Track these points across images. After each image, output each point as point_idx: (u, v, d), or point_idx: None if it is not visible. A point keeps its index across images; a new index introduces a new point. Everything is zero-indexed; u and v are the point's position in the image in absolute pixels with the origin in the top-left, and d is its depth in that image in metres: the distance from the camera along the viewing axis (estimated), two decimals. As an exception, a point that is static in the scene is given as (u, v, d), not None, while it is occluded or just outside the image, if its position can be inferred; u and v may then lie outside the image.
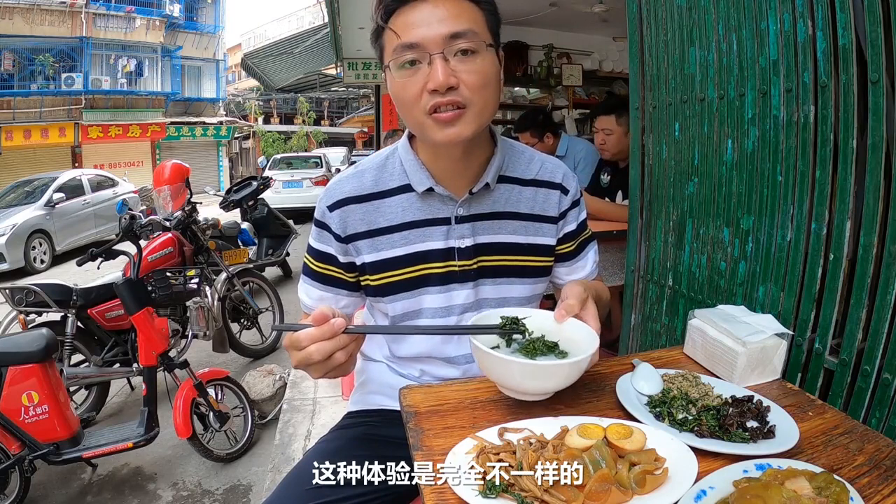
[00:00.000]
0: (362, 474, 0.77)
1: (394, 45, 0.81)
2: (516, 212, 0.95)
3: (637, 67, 1.44)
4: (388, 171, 0.94)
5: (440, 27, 0.79)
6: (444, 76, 0.78)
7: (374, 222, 0.91)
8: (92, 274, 3.16)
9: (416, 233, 0.91)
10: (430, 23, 0.79)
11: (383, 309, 0.96)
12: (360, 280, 0.96)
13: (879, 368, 0.87)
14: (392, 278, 0.92)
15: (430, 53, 0.79)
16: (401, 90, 0.83)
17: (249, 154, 24.96)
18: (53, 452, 2.11)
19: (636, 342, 1.53)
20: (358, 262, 0.94)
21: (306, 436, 2.46)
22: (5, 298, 2.64)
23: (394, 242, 0.91)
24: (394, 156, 0.95)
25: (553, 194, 0.97)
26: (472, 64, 0.81)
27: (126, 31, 16.89)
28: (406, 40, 0.80)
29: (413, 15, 0.80)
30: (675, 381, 0.82)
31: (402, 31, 0.80)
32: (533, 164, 0.98)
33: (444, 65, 0.79)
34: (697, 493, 0.58)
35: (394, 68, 0.82)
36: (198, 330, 2.94)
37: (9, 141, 14.52)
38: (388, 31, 0.82)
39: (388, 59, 0.83)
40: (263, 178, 4.02)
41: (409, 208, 0.92)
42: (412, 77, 0.81)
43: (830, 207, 0.95)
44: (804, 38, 0.97)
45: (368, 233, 0.92)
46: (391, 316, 0.95)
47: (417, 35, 0.79)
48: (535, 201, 0.96)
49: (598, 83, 5.30)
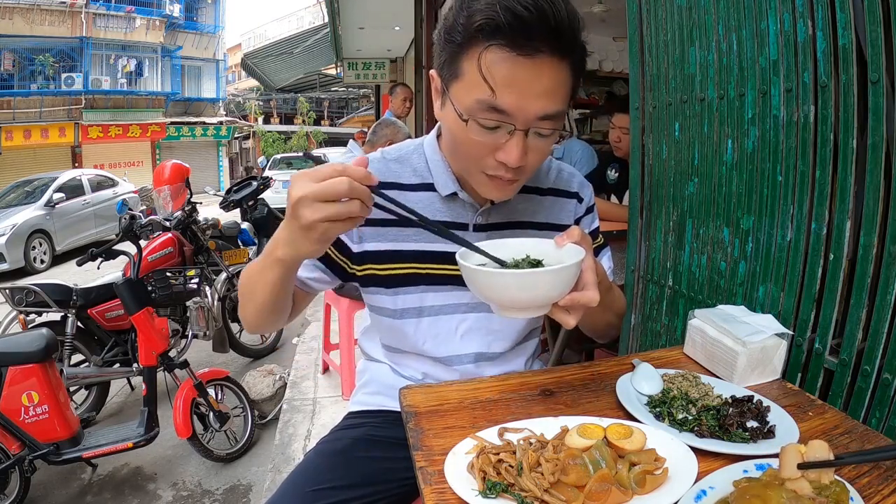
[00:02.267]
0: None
1: (480, 97, 0.72)
2: (533, 221, 0.95)
3: (637, 67, 1.44)
4: (410, 167, 0.91)
5: (537, 103, 0.72)
6: (520, 157, 0.75)
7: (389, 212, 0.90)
8: (92, 274, 3.16)
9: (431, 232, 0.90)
10: (530, 94, 0.71)
11: (381, 303, 0.94)
12: (350, 269, 0.92)
13: (879, 368, 0.87)
14: (398, 270, 0.90)
15: (514, 126, 0.74)
16: (466, 139, 0.77)
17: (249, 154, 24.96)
18: (53, 452, 2.12)
19: (636, 342, 1.53)
20: (355, 250, 0.90)
21: (306, 436, 2.46)
22: (5, 298, 2.64)
23: (407, 236, 0.90)
24: (417, 152, 0.92)
25: (569, 203, 0.97)
26: (545, 143, 0.77)
27: (126, 31, 16.92)
28: (499, 104, 0.72)
29: (516, 71, 0.70)
30: (675, 381, 0.82)
31: (498, 87, 0.71)
32: (551, 172, 0.98)
33: (523, 143, 0.75)
34: (697, 493, 0.58)
35: (469, 117, 0.74)
36: (198, 330, 2.94)
37: (9, 141, 14.54)
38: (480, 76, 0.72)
39: (467, 105, 0.74)
40: (263, 177, 4.01)
41: (428, 207, 0.90)
42: (486, 136, 0.75)
43: (830, 207, 0.95)
44: (804, 38, 0.97)
45: (381, 221, 0.88)
46: (392, 310, 0.93)
47: (512, 104, 0.72)
48: (551, 210, 0.96)
49: (598, 83, 5.30)
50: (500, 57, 0.70)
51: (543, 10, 0.68)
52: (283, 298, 0.83)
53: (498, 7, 0.69)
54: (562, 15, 0.70)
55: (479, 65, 0.71)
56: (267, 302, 0.82)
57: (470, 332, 0.94)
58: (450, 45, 0.75)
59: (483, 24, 0.70)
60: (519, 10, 0.68)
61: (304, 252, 0.70)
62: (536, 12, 0.68)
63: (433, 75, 0.81)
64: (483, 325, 0.95)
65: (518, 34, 0.69)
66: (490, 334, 0.96)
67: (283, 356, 3.79)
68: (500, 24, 0.68)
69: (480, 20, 0.70)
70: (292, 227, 0.67)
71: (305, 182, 0.64)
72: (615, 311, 0.95)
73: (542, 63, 0.71)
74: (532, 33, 0.69)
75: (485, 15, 0.69)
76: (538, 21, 0.68)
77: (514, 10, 0.68)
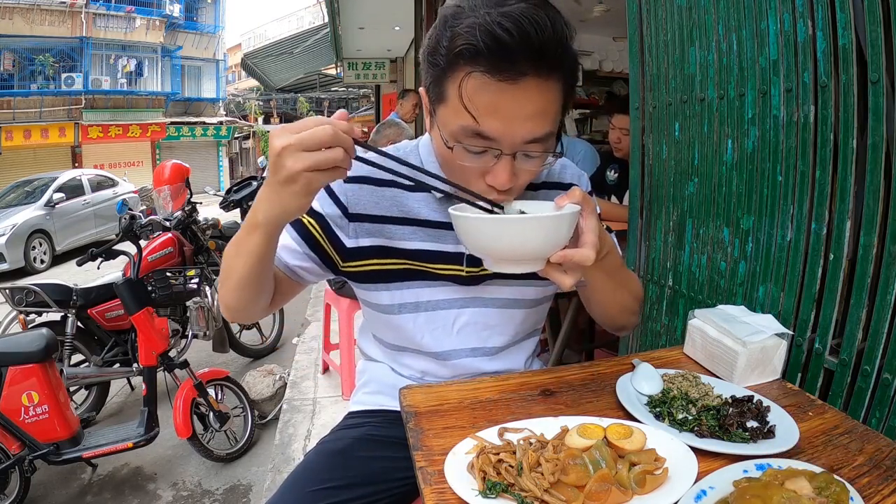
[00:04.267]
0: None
1: (465, 124, 0.71)
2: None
3: (637, 67, 1.44)
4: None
5: (523, 128, 0.70)
6: (508, 180, 0.73)
7: (388, 209, 0.89)
8: (92, 274, 3.16)
9: (429, 232, 0.89)
10: (515, 120, 0.69)
11: (378, 299, 0.93)
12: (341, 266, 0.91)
13: (879, 368, 0.87)
14: (394, 266, 0.90)
15: (501, 151, 0.72)
16: (452, 163, 0.76)
17: (249, 154, 24.96)
18: (53, 452, 2.12)
19: (636, 342, 1.53)
20: (348, 245, 0.89)
21: (306, 436, 2.46)
22: (5, 298, 2.64)
23: (404, 234, 0.89)
24: (413, 153, 0.92)
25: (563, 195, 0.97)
26: (534, 163, 0.75)
27: (126, 31, 16.93)
28: (483, 130, 0.70)
29: (499, 98, 0.68)
30: (675, 381, 0.82)
31: (480, 116, 0.69)
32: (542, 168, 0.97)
33: (511, 166, 0.73)
34: (697, 493, 0.58)
35: (455, 143, 0.73)
36: (198, 330, 2.94)
37: (9, 141, 14.54)
38: (462, 104, 0.70)
39: (452, 130, 0.73)
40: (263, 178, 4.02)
41: (425, 207, 0.90)
42: (473, 160, 0.74)
43: (830, 207, 0.95)
44: (804, 38, 0.97)
45: (379, 218, 0.88)
46: (389, 305, 0.92)
47: (497, 131, 0.70)
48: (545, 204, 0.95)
49: (598, 83, 5.30)
50: (481, 84, 0.68)
51: (526, 32, 0.65)
52: (262, 272, 0.78)
53: (478, 31, 0.66)
54: (546, 34, 0.66)
55: (461, 92, 0.69)
56: (245, 276, 0.77)
57: (466, 326, 0.94)
58: (434, 68, 0.73)
59: (463, 49, 0.67)
60: (499, 34, 0.65)
61: (289, 208, 0.66)
62: (518, 36, 0.65)
63: (422, 93, 0.79)
64: (479, 320, 0.94)
65: (500, 59, 0.66)
66: (486, 329, 0.95)
67: (283, 356, 3.79)
68: (480, 49, 0.66)
69: (461, 45, 0.67)
70: (274, 182, 0.64)
71: (287, 133, 0.62)
72: (631, 291, 0.92)
73: (527, 87, 0.68)
74: (515, 57, 0.66)
75: (465, 40, 0.67)
76: (521, 44, 0.65)
77: (494, 34, 0.65)
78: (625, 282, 0.90)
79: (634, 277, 0.96)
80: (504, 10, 0.66)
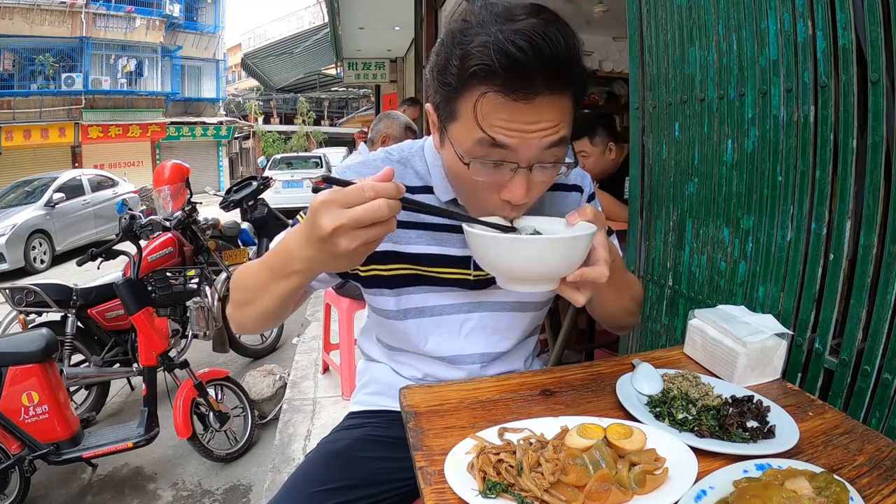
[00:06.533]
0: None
1: (479, 138, 0.70)
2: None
3: (637, 67, 1.44)
4: (412, 169, 0.90)
5: (540, 140, 0.70)
6: (524, 194, 0.73)
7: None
8: (92, 274, 3.16)
9: (435, 235, 0.89)
10: (531, 134, 0.69)
11: (384, 304, 0.93)
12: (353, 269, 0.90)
13: (879, 368, 0.87)
14: (400, 271, 0.90)
15: (518, 164, 0.71)
16: (467, 179, 0.74)
17: (249, 154, 24.97)
18: (53, 452, 2.11)
19: (636, 342, 1.53)
20: None
21: (306, 436, 2.46)
22: (5, 298, 2.64)
23: (409, 238, 0.89)
24: (418, 155, 0.91)
25: (569, 196, 0.96)
26: (548, 175, 0.75)
27: (126, 31, 16.93)
28: (500, 140, 0.69)
29: (515, 116, 0.68)
30: (675, 381, 0.82)
31: (496, 133, 0.69)
32: None
33: (527, 180, 0.72)
34: (697, 493, 0.58)
35: (471, 159, 0.72)
36: (198, 330, 2.94)
37: (9, 141, 14.54)
38: (477, 123, 0.69)
39: (467, 146, 0.72)
40: (263, 177, 4.01)
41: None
42: (489, 175, 0.73)
43: (830, 207, 0.95)
44: (804, 38, 0.97)
45: None
46: (395, 311, 0.92)
47: (514, 142, 0.69)
48: (552, 206, 0.95)
49: (598, 83, 5.30)
50: (497, 103, 0.67)
51: (540, 49, 0.65)
52: (290, 305, 0.82)
53: (492, 51, 0.65)
54: (560, 50, 0.66)
55: (476, 112, 0.69)
56: (273, 309, 0.79)
57: (474, 331, 0.94)
58: (444, 87, 0.72)
59: (477, 69, 0.66)
60: (513, 53, 0.64)
61: (338, 267, 0.67)
62: (533, 53, 0.64)
63: (429, 110, 0.79)
64: (488, 324, 0.94)
65: (514, 78, 0.65)
66: (496, 333, 0.95)
67: (283, 356, 3.79)
68: (495, 69, 0.65)
69: (475, 65, 0.66)
70: (323, 251, 0.63)
71: (336, 210, 0.60)
72: (632, 296, 0.93)
73: (541, 104, 0.68)
74: (529, 76, 0.65)
75: (479, 60, 0.66)
76: (535, 62, 0.65)
77: (508, 52, 0.64)
78: (627, 286, 0.91)
79: (635, 280, 0.97)
80: (516, 27, 0.66)
